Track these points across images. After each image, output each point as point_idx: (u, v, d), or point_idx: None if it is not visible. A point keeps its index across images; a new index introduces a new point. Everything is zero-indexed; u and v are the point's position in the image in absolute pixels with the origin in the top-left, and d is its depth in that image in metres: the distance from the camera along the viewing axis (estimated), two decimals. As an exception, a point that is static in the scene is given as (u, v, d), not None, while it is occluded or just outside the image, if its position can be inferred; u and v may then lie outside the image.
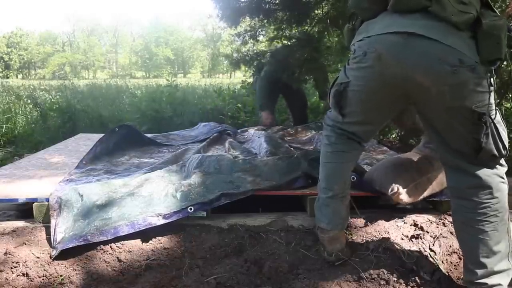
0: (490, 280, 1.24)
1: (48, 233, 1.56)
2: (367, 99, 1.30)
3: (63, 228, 1.52)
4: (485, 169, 1.23)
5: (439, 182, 1.67)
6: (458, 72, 1.11)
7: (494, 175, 1.24)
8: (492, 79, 1.16)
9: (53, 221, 1.54)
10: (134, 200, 1.63)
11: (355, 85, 1.29)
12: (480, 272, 1.24)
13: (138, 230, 1.52)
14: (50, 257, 1.45)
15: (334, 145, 1.43)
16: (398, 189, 1.56)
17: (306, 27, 3.59)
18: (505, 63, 2.84)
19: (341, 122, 1.40)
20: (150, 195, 1.66)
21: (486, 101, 1.16)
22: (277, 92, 3.74)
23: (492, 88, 1.17)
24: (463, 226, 1.29)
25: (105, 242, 1.50)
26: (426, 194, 1.65)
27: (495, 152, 1.20)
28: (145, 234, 1.56)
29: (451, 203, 1.34)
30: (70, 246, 1.47)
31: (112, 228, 1.52)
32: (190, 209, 1.60)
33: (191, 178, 1.78)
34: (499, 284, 1.24)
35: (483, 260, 1.24)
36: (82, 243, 1.48)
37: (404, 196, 1.58)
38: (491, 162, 1.23)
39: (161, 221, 1.55)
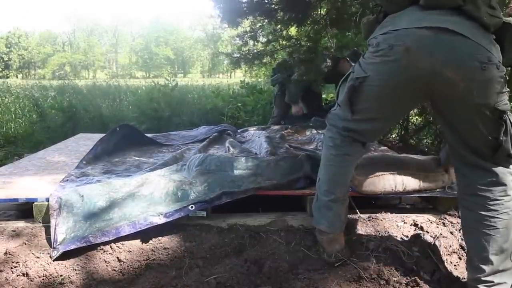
0: (496, 278, 1.24)
1: (48, 233, 1.55)
2: (386, 95, 1.28)
3: (64, 228, 1.52)
4: (500, 167, 1.25)
5: (412, 182, 1.74)
6: (486, 69, 1.14)
7: (509, 174, 1.26)
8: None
9: (53, 221, 1.54)
10: (135, 199, 1.63)
11: (376, 79, 1.26)
12: (487, 269, 1.25)
13: (139, 229, 1.53)
14: (51, 257, 1.45)
15: (339, 147, 1.40)
16: (354, 174, 1.64)
17: (307, 28, 3.59)
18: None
19: (349, 120, 1.35)
20: (151, 193, 1.66)
21: (506, 100, 1.19)
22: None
23: (507, 89, 1.21)
24: (475, 223, 1.28)
25: (105, 242, 1.50)
26: (390, 189, 1.72)
27: (511, 151, 1.22)
28: (145, 234, 1.56)
29: (462, 201, 1.34)
30: (72, 247, 1.46)
31: (114, 229, 1.52)
32: (191, 207, 1.60)
33: (192, 176, 1.78)
34: (505, 283, 1.25)
35: (492, 257, 1.24)
36: (84, 244, 1.48)
37: (363, 183, 1.69)
38: (506, 162, 1.25)
39: (162, 220, 1.55)
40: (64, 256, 1.46)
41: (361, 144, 1.41)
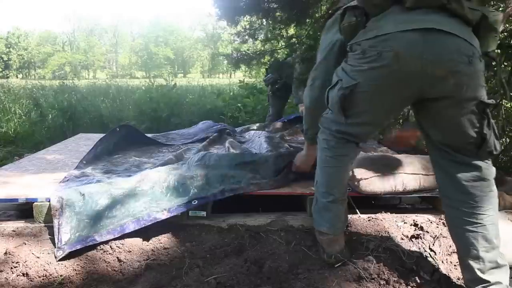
0: (491, 277, 1.24)
1: (48, 233, 1.56)
2: (378, 99, 1.28)
3: (68, 228, 1.51)
4: (483, 162, 1.27)
5: (412, 182, 1.75)
6: (472, 62, 1.17)
7: (491, 168, 1.28)
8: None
9: (55, 221, 1.53)
10: (137, 195, 1.64)
11: (366, 85, 1.26)
12: (480, 267, 1.25)
13: (143, 225, 1.53)
14: (55, 257, 1.44)
15: (334, 149, 1.40)
16: (352, 172, 1.68)
17: (307, 26, 3.60)
18: (505, 63, 2.84)
19: (342, 123, 1.36)
20: (151, 188, 1.67)
21: (485, 93, 1.22)
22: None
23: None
24: (462, 221, 1.29)
25: (105, 242, 1.50)
26: (390, 189, 1.73)
27: (492, 147, 1.24)
28: (145, 234, 1.56)
29: (447, 200, 1.34)
30: (78, 247, 1.46)
31: (119, 226, 1.52)
32: (194, 202, 1.61)
33: (192, 171, 1.79)
34: (500, 283, 1.24)
35: (483, 254, 1.25)
36: (90, 243, 1.47)
37: (363, 183, 1.70)
38: (487, 158, 1.28)
39: (165, 215, 1.56)
40: (64, 256, 1.46)
41: (355, 144, 1.42)
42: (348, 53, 1.32)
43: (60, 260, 1.44)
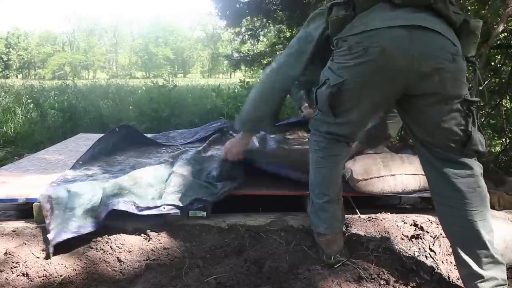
0: (486, 272, 1.25)
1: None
2: (365, 96, 1.29)
3: (55, 224, 1.53)
4: (470, 159, 1.28)
5: (412, 182, 1.76)
6: (456, 60, 1.20)
7: (477, 165, 1.29)
8: None
9: (47, 221, 1.55)
10: (118, 191, 1.66)
11: (353, 82, 1.27)
12: (475, 263, 1.25)
13: (111, 210, 1.55)
14: (49, 254, 1.44)
15: (325, 149, 1.41)
16: (351, 172, 1.71)
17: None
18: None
19: (331, 123, 1.37)
20: (132, 185, 1.70)
21: (468, 91, 1.25)
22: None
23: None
24: (453, 218, 1.29)
25: (105, 242, 1.50)
26: (389, 189, 1.74)
27: (478, 145, 1.25)
28: (145, 234, 1.56)
29: (438, 198, 1.34)
30: (62, 239, 1.47)
31: (95, 217, 1.56)
32: (164, 207, 1.62)
33: (169, 180, 1.80)
34: (495, 278, 1.25)
35: (477, 250, 1.25)
36: (72, 235, 1.49)
37: (362, 184, 1.71)
38: (473, 156, 1.29)
39: (132, 210, 1.58)
40: (64, 256, 1.46)
41: (345, 144, 1.43)
42: (334, 51, 1.33)
43: (56, 259, 1.44)
